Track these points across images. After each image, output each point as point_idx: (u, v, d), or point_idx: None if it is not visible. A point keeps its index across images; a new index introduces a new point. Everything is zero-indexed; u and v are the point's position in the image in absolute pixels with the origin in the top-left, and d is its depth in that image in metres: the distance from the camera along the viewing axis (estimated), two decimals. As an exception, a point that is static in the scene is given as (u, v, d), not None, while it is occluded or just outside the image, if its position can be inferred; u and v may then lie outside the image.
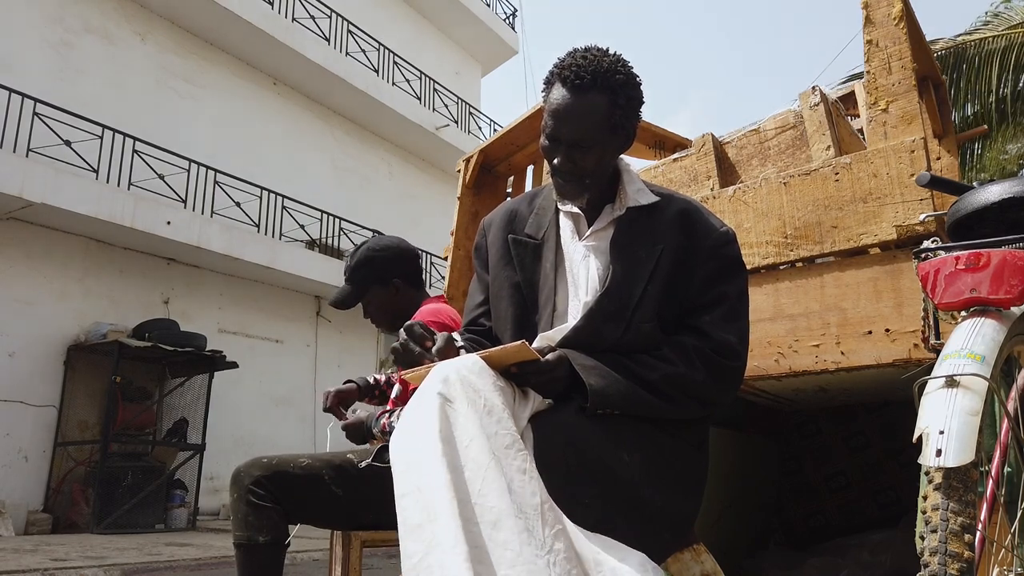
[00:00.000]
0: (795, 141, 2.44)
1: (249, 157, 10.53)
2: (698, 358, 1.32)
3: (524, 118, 3.05)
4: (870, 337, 1.89)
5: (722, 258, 1.39)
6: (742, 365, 1.37)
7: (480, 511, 1.05)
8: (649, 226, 1.40)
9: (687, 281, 1.37)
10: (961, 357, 1.09)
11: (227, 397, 9.33)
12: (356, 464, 1.86)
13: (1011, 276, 1.21)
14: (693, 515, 1.35)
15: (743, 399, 2.52)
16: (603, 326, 1.34)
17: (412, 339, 1.33)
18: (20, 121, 7.58)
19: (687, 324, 1.37)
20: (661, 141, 3.16)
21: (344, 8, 12.22)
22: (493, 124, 15.66)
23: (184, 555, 5.72)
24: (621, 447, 1.25)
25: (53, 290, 8.16)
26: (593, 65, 1.34)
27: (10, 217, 7.70)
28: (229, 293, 10.08)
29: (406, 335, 1.34)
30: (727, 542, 2.63)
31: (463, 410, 1.13)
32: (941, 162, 2.39)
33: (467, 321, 1.57)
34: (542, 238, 1.47)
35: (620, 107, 1.36)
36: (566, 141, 1.36)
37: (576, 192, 1.40)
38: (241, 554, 1.77)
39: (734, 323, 1.37)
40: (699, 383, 1.31)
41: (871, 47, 2.07)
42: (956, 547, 0.95)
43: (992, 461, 1.09)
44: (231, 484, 1.82)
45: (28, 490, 7.68)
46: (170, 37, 9.98)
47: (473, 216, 3.17)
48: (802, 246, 2.05)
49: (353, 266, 2.12)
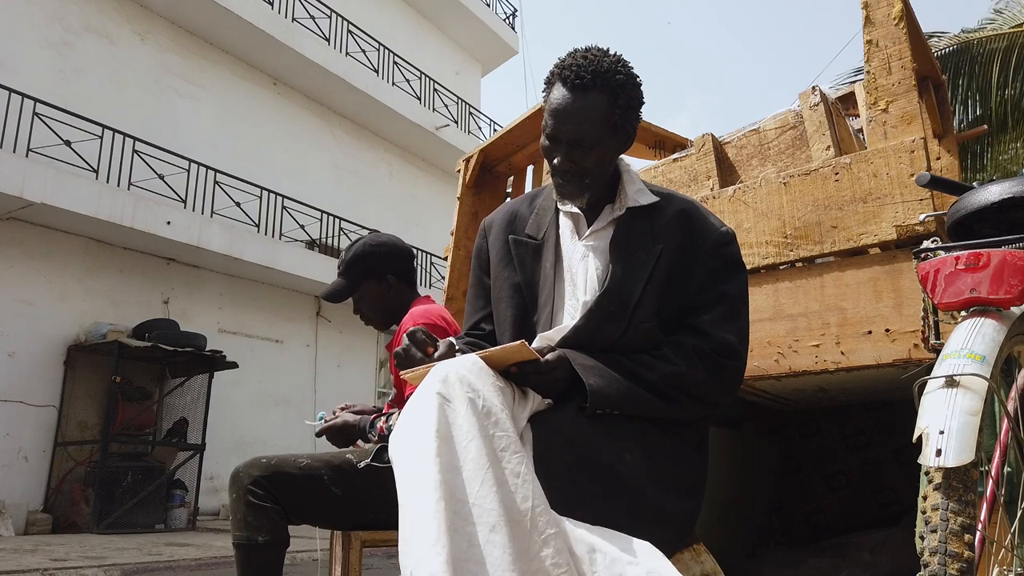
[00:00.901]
0: (795, 141, 2.44)
1: (249, 157, 10.53)
2: (698, 358, 1.32)
3: (524, 118, 3.05)
4: (870, 337, 1.89)
5: (722, 258, 1.39)
6: (742, 365, 1.37)
7: (478, 512, 1.04)
8: (649, 226, 1.40)
9: (687, 281, 1.37)
10: (961, 357, 1.09)
11: (227, 397, 9.33)
12: (355, 464, 1.85)
13: (1011, 276, 1.21)
14: (693, 515, 1.35)
15: (743, 399, 2.52)
16: (603, 326, 1.34)
17: (415, 344, 1.33)
18: (20, 121, 7.58)
19: (687, 324, 1.37)
20: (661, 141, 3.16)
21: (344, 8, 12.22)
22: (493, 124, 15.67)
23: (184, 555, 5.72)
24: (621, 447, 1.25)
25: (53, 290, 8.16)
26: (593, 65, 1.35)
27: (10, 217, 7.70)
28: (229, 293, 10.08)
29: (409, 341, 1.34)
30: (727, 542, 2.63)
31: (462, 410, 1.12)
32: (941, 162, 2.39)
33: (469, 325, 1.57)
34: (542, 238, 1.47)
35: (620, 107, 1.36)
36: (566, 141, 1.36)
37: (576, 192, 1.40)
38: (241, 554, 1.77)
39: (734, 323, 1.37)
40: (699, 383, 1.31)
41: (871, 47, 2.07)
42: (956, 547, 0.95)
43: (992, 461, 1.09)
44: (230, 484, 1.82)
45: (28, 490, 7.68)
46: (170, 37, 9.98)
47: (473, 216, 3.18)
48: (802, 246, 2.04)
49: (348, 260, 2.12)
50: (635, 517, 1.21)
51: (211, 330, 9.37)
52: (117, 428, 7.95)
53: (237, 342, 9.83)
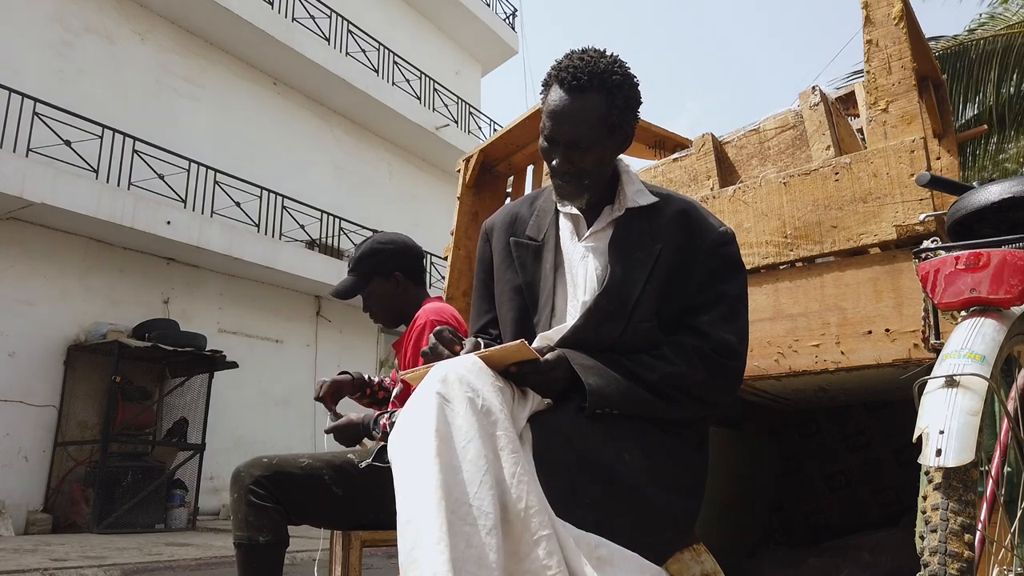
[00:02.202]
0: (795, 141, 2.44)
1: (249, 157, 10.53)
2: (698, 358, 1.32)
3: (524, 118, 3.05)
4: (870, 337, 1.89)
5: (721, 258, 1.39)
6: (742, 365, 1.37)
7: (476, 513, 1.05)
8: (648, 226, 1.40)
9: (686, 281, 1.37)
10: (961, 357, 1.09)
11: (227, 397, 9.33)
12: (356, 464, 1.86)
13: (1011, 276, 1.21)
14: (693, 515, 1.35)
15: (743, 399, 2.52)
16: (602, 325, 1.34)
17: (442, 343, 1.33)
18: (20, 121, 7.58)
19: (686, 324, 1.37)
20: (661, 141, 3.16)
21: (344, 8, 12.22)
22: (493, 124, 15.67)
23: (184, 555, 5.72)
24: (621, 447, 1.25)
25: (53, 290, 8.16)
26: (590, 66, 1.35)
27: (10, 217, 7.70)
28: (229, 293, 10.08)
29: (436, 339, 1.34)
30: (727, 542, 2.63)
31: (461, 410, 1.12)
32: (941, 162, 2.39)
33: (475, 330, 1.57)
34: (542, 240, 1.47)
35: (617, 107, 1.36)
36: (564, 142, 1.36)
37: (575, 193, 1.41)
38: (241, 554, 1.77)
39: (733, 323, 1.37)
40: (699, 383, 1.31)
41: (871, 47, 2.07)
42: (956, 547, 0.95)
43: (992, 461, 1.09)
44: (231, 484, 1.82)
45: (28, 490, 7.68)
46: (170, 37, 9.98)
47: (473, 216, 3.17)
48: (802, 246, 2.04)
49: (358, 257, 2.14)
50: (635, 517, 1.21)
51: (211, 330, 9.37)
52: (117, 428, 7.95)
53: (237, 342, 9.83)
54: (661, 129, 3.13)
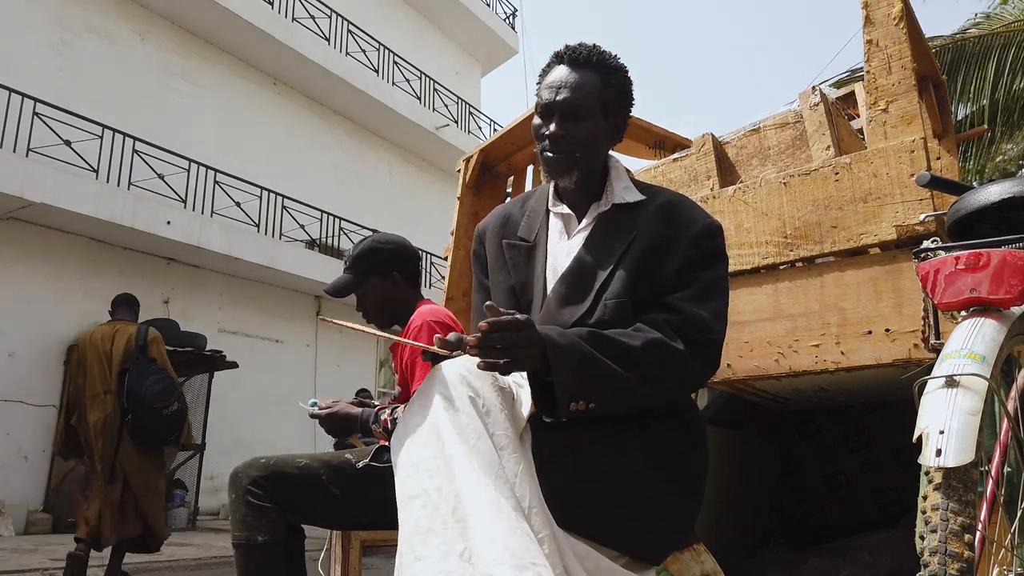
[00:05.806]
0: (795, 141, 2.44)
1: (249, 157, 10.53)
2: (672, 329, 1.27)
3: (524, 118, 3.04)
4: (870, 337, 1.89)
5: (702, 248, 1.36)
6: (717, 339, 1.31)
7: None
8: (630, 220, 1.39)
9: (662, 267, 1.34)
10: (961, 357, 1.09)
11: (227, 397, 9.33)
12: (354, 464, 1.85)
13: (1011, 276, 1.21)
14: (693, 514, 1.35)
15: (743, 399, 2.52)
16: (560, 311, 1.34)
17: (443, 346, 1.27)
18: (20, 121, 7.58)
19: (659, 303, 1.32)
20: (661, 141, 3.16)
21: (344, 8, 12.22)
22: (493, 124, 15.67)
23: (184, 555, 5.72)
24: (620, 446, 1.24)
25: (53, 290, 8.16)
26: (588, 49, 1.42)
27: (10, 217, 7.70)
28: (229, 293, 10.08)
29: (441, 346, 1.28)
30: (727, 542, 2.63)
31: (465, 410, 1.12)
32: (941, 162, 2.39)
33: None
34: (534, 240, 1.46)
35: (613, 87, 1.40)
36: (560, 110, 1.38)
37: (566, 164, 1.39)
38: (240, 554, 1.77)
39: (705, 302, 1.32)
40: (679, 353, 1.25)
41: (871, 47, 2.07)
42: (956, 547, 0.95)
43: (992, 461, 1.09)
44: (229, 484, 1.82)
45: (28, 490, 7.68)
46: (170, 37, 9.98)
47: (473, 216, 3.17)
48: (802, 246, 2.04)
49: (356, 255, 2.13)
50: (634, 517, 1.21)
51: (211, 330, 9.36)
52: (117, 428, 7.93)
53: (237, 342, 9.83)
54: (661, 129, 3.13)
